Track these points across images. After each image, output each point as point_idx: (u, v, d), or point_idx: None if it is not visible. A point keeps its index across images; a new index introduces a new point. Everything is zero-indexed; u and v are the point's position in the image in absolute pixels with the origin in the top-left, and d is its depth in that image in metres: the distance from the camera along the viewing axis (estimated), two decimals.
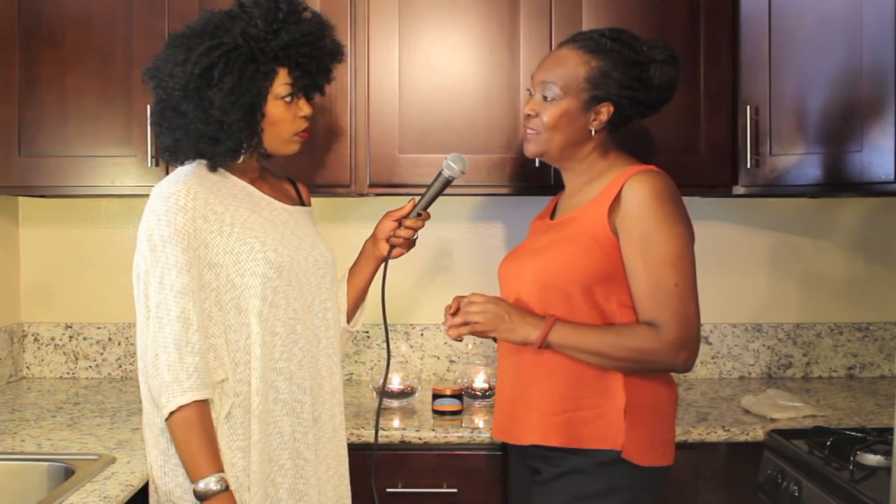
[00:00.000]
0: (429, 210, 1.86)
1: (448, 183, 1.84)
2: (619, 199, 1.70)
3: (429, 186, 1.84)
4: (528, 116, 1.80)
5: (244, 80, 1.59)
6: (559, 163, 1.84)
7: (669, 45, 1.80)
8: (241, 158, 1.68)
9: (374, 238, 1.88)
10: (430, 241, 2.62)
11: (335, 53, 1.76)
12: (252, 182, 1.73)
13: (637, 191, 1.68)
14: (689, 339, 1.67)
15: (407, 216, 1.84)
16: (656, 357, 1.67)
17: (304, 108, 1.70)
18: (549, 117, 1.76)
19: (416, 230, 1.86)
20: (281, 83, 1.65)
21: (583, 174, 1.82)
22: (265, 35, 1.62)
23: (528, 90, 1.85)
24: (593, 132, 1.78)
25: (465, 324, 1.76)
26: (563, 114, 1.76)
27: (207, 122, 1.60)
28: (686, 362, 1.69)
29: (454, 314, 1.78)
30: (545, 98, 1.77)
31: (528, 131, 1.81)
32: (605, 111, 1.76)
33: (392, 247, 1.85)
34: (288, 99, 1.67)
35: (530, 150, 1.82)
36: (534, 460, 1.80)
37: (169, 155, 1.69)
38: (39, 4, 2.27)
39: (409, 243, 1.88)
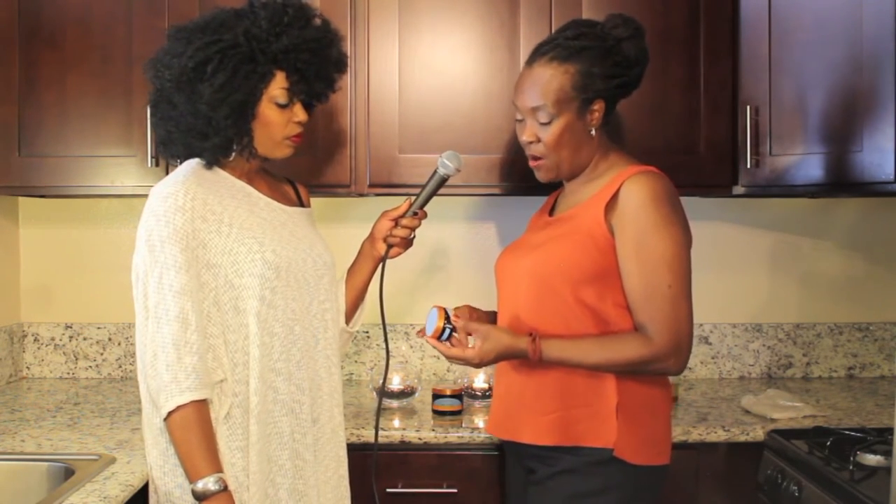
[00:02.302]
0: (425, 209, 1.86)
1: (444, 181, 1.84)
2: (617, 198, 1.70)
3: (424, 185, 1.84)
4: (530, 143, 1.79)
5: (237, 78, 1.59)
6: (573, 177, 1.83)
7: (629, 18, 1.78)
8: (233, 156, 1.68)
9: (371, 238, 1.88)
10: (429, 241, 2.62)
11: (339, 64, 1.75)
12: (251, 183, 1.73)
13: (634, 191, 1.68)
14: (680, 344, 1.67)
15: (403, 215, 1.84)
16: (648, 365, 1.68)
17: (300, 114, 1.70)
18: (552, 137, 1.75)
19: (413, 229, 1.85)
20: (277, 86, 1.65)
21: (584, 174, 1.82)
22: (267, 36, 1.62)
23: (517, 119, 1.82)
24: (593, 131, 1.78)
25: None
26: (564, 130, 1.75)
27: (196, 116, 1.60)
28: (676, 365, 1.69)
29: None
30: (541, 123, 1.76)
31: (534, 161, 1.81)
32: (598, 107, 1.76)
33: (389, 246, 1.85)
34: (283, 102, 1.66)
35: (542, 176, 1.83)
36: (529, 460, 1.80)
37: (163, 148, 1.69)
38: (39, 4, 2.27)
39: (407, 242, 1.87)
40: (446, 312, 1.75)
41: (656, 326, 1.66)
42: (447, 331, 1.74)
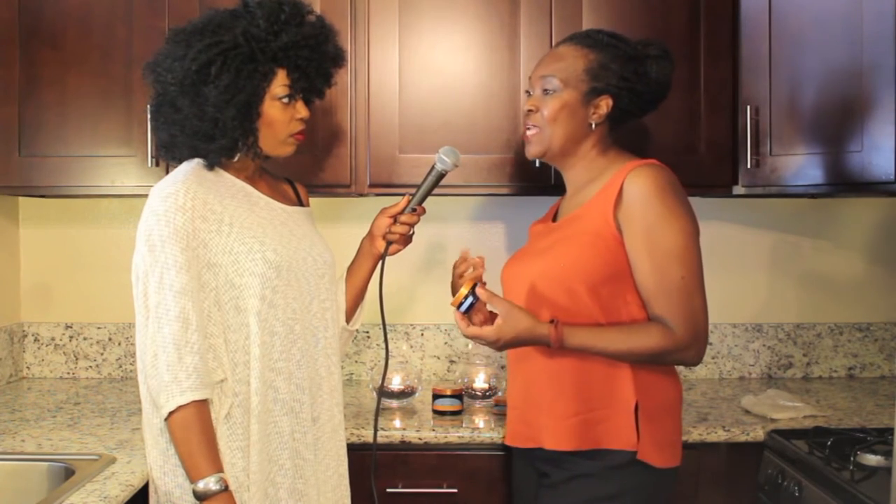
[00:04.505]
0: (424, 205, 1.86)
1: (441, 176, 1.84)
2: (622, 194, 1.69)
3: (422, 181, 1.84)
4: (529, 112, 1.80)
5: (241, 78, 1.59)
6: (561, 160, 1.83)
7: (662, 43, 1.83)
8: (237, 157, 1.68)
9: (370, 235, 1.88)
10: (429, 241, 2.62)
11: (336, 58, 1.76)
12: (250, 182, 1.73)
13: (639, 185, 1.68)
14: (699, 334, 1.68)
15: (402, 212, 1.84)
16: (668, 356, 1.68)
17: (301, 111, 1.70)
18: (550, 110, 1.77)
19: (411, 226, 1.85)
20: (279, 84, 1.65)
21: (583, 173, 1.81)
22: (266, 35, 1.63)
23: (527, 91, 1.86)
24: (593, 125, 1.78)
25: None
26: (564, 106, 1.76)
27: (202, 118, 1.60)
28: (696, 356, 1.69)
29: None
30: (545, 92, 1.78)
31: (529, 131, 1.81)
32: (605, 104, 1.77)
33: (389, 243, 1.85)
34: (285, 100, 1.67)
35: (531, 151, 1.82)
36: (541, 463, 1.79)
37: (165, 151, 1.69)
38: (39, 4, 2.27)
39: (406, 239, 1.87)
40: (475, 284, 1.68)
41: (674, 319, 1.66)
42: (469, 300, 1.67)
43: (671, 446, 1.74)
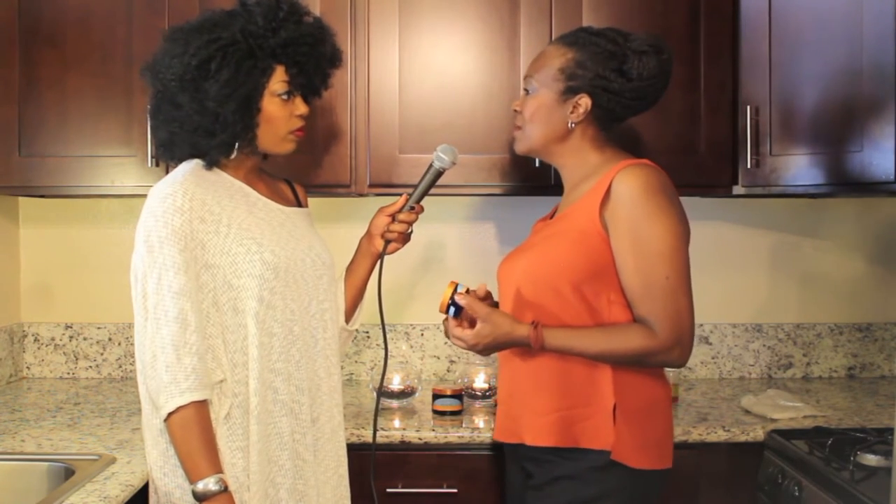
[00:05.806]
0: (422, 204, 1.86)
1: (439, 174, 1.84)
2: (609, 193, 1.69)
3: (420, 179, 1.84)
4: (515, 112, 1.84)
5: (241, 73, 1.60)
6: (547, 158, 1.85)
7: (654, 36, 1.78)
8: (235, 154, 1.68)
9: (368, 235, 1.88)
10: (428, 241, 2.62)
11: (333, 58, 1.77)
12: (249, 183, 1.73)
13: (626, 184, 1.67)
14: (682, 335, 1.66)
15: (400, 210, 1.84)
16: (650, 357, 1.67)
17: (301, 108, 1.71)
18: (528, 110, 1.80)
19: (410, 224, 1.85)
20: (278, 80, 1.66)
21: (577, 171, 1.81)
22: (264, 32, 1.64)
23: (525, 90, 1.87)
24: (571, 125, 1.77)
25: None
26: (540, 105, 1.78)
27: (203, 113, 1.61)
28: (680, 358, 1.67)
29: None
30: (526, 92, 1.81)
31: (515, 129, 1.84)
32: (583, 103, 1.76)
33: (387, 242, 1.85)
34: (284, 96, 1.67)
35: (517, 147, 1.86)
36: (528, 463, 1.79)
37: (164, 150, 1.69)
38: (39, 4, 2.27)
39: (405, 238, 1.87)
40: (455, 289, 1.71)
41: (657, 320, 1.65)
42: (452, 308, 1.72)
43: (655, 447, 1.72)
